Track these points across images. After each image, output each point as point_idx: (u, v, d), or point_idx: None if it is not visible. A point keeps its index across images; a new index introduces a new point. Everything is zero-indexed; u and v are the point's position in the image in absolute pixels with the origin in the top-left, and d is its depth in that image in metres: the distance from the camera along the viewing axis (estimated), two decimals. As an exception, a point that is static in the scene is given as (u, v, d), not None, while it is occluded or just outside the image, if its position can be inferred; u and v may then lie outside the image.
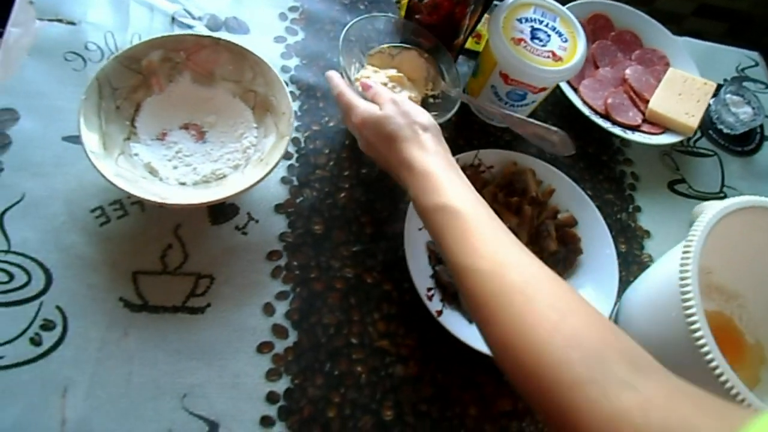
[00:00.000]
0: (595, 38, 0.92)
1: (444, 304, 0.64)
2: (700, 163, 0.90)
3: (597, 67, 0.90)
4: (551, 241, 0.70)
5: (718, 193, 0.87)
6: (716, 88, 0.89)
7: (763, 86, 1.01)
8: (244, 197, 0.66)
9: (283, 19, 0.83)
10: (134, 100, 0.66)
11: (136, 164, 0.63)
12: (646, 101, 0.86)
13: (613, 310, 0.68)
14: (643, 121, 0.86)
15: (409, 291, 0.67)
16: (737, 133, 0.91)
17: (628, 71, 0.89)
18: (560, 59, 0.71)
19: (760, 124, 0.94)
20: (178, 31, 0.75)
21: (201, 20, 0.79)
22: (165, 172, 0.64)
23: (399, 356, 0.64)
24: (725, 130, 0.91)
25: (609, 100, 0.85)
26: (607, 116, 0.85)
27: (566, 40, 0.73)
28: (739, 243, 0.66)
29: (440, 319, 0.61)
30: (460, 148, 0.72)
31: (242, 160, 0.66)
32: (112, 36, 0.74)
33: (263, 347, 0.61)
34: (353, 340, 0.63)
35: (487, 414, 0.63)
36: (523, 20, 0.73)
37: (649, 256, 0.79)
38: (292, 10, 0.85)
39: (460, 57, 0.82)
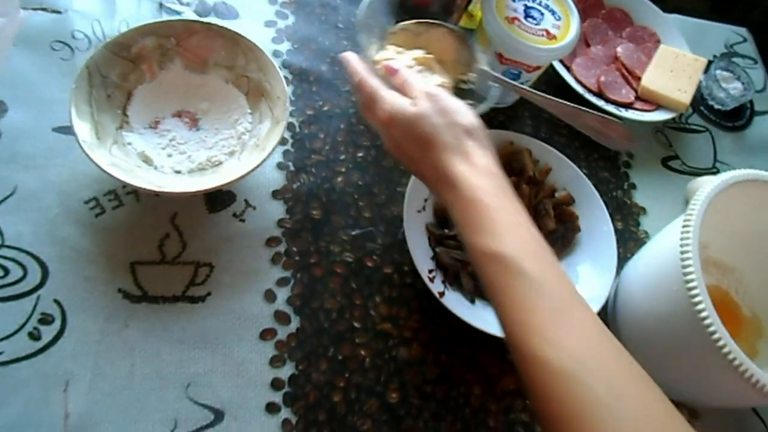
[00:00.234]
0: (586, 16, 0.92)
1: (446, 286, 0.64)
2: (693, 139, 0.90)
3: (588, 46, 0.90)
4: (549, 220, 0.70)
5: (710, 169, 0.88)
6: (706, 65, 0.89)
7: (752, 62, 1.01)
8: (240, 184, 0.66)
9: (272, 3, 0.82)
10: (125, 89, 0.65)
11: (129, 153, 0.62)
12: (638, 78, 0.86)
13: (612, 286, 0.68)
14: (636, 99, 0.86)
15: (410, 273, 0.66)
16: (728, 108, 0.92)
17: (619, 49, 0.89)
18: (554, 37, 0.71)
19: (750, 100, 0.95)
20: (166, 17, 0.73)
21: (189, 6, 0.78)
22: (159, 160, 0.63)
23: (402, 339, 0.63)
24: (716, 106, 0.92)
25: (602, 78, 0.85)
26: (600, 94, 0.85)
27: (559, 18, 0.73)
28: (735, 217, 0.67)
29: (443, 301, 0.61)
30: (456, 130, 0.71)
31: (237, 147, 0.65)
32: (99, 24, 0.73)
33: (266, 334, 0.61)
34: (356, 324, 0.63)
35: (492, 393, 0.63)
36: (516, -1, 0.73)
37: (645, 233, 0.79)
38: (281, -7, 0.84)
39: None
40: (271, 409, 0.58)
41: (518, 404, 0.63)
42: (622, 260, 0.72)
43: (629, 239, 0.78)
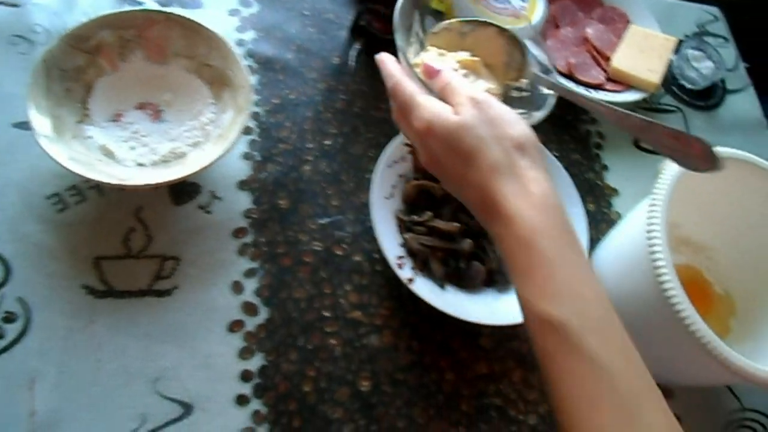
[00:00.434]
0: (556, -2, 0.92)
1: (415, 272, 0.63)
2: (665, 119, 0.90)
3: (558, 27, 0.89)
4: (520, 204, 0.70)
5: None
6: (677, 44, 0.89)
7: (723, 40, 1.01)
8: (206, 175, 0.65)
9: (237, -8, 0.81)
10: (85, 82, 0.64)
11: (90, 147, 0.61)
12: (608, 59, 0.86)
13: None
14: (607, 80, 0.85)
15: (380, 261, 0.66)
16: (700, 88, 0.92)
17: (589, 30, 0.89)
18: (522, 18, 0.70)
19: (722, 78, 0.95)
20: (127, 8, 0.72)
21: (151, -4, 0.77)
22: (122, 153, 0.62)
23: (373, 326, 0.63)
24: (688, 86, 0.92)
25: (571, 60, 0.85)
26: (570, 76, 0.84)
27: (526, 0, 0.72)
28: (706, 195, 0.67)
29: (412, 287, 0.61)
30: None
31: (201, 137, 0.64)
32: (59, 17, 0.71)
33: (234, 326, 0.60)
34: (326, 313, 0.63)
35: (464, 378, 0.63)
36: (483, -21, 0.72)
37: (618, 214, 0.79)
38: (245, -19, 0.83)
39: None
40: (241, 401, 0.57)
41: (491, 389, 0.63)
42: (595, 242, 0.72)
43: (601, 221, 0.78)
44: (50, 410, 0.53)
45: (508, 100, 0.53)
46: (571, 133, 0.84)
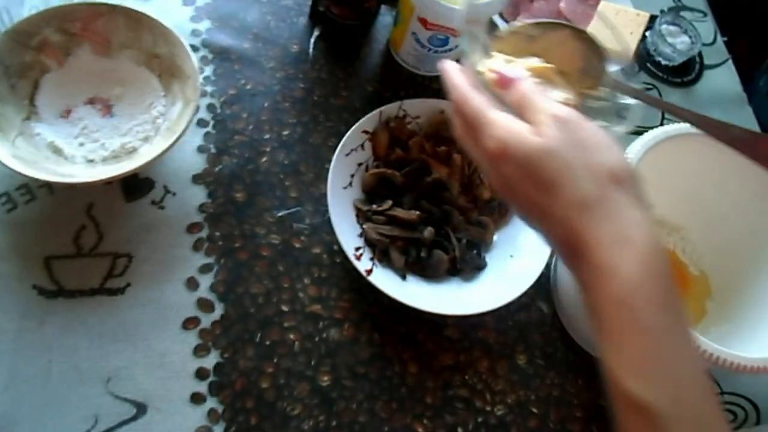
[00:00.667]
0: (527, -24, 0.89)
1: (374, 263, 0.62)
2: (640, 97, 0.88)
3: (532, 2, 0.87)
4: (484, 189, 0.68)
5: (659, 126, 0.85)
6: (650, 20, 0.87)
7: (701, 14, 0.99)
8: (159, 170, 0.64)
9: (191, -19, 0.79)
10: (31, 78, 0.62)
11: (38, 144, 0.60)
12: (580, 36, 0.84)
13: (551, 257, 0.66)
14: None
15: (339, 253, 0.65)
16: (676, 63, 0.89)
17: (563, 4, 0.86)
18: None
19: (700, 53, 0.92)
20: (72, 0, 0.70)
21: (104, -11, 0.75)
22: (70, 150, 0.61)
23: (333, 320, 0.62)
24: (663, 62, 0.89)
25: (541, 39, 0.82)
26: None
27: (487, -21, 0.69)
28: (676, 174, 0.65)
29: (370, 279, 0.59)
30: (387, 100, 0.69)
31: (152, 131, 0.63)
32: (8, 12, 0.70)
33: (189, 323, 0.59)
34: (284, 308, 0.61)
35: (429, 370, 0.62)
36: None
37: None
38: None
39: (383, 6, 0.78)
40: (196, 399, 0.56)
41: (456, 379, 0.62)
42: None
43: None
44: (1, 413, 0.53)
45: (585, 111, 0.43)
46: (542, 115, 0.82)
